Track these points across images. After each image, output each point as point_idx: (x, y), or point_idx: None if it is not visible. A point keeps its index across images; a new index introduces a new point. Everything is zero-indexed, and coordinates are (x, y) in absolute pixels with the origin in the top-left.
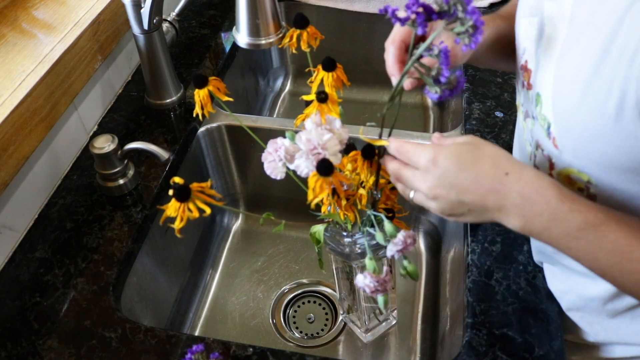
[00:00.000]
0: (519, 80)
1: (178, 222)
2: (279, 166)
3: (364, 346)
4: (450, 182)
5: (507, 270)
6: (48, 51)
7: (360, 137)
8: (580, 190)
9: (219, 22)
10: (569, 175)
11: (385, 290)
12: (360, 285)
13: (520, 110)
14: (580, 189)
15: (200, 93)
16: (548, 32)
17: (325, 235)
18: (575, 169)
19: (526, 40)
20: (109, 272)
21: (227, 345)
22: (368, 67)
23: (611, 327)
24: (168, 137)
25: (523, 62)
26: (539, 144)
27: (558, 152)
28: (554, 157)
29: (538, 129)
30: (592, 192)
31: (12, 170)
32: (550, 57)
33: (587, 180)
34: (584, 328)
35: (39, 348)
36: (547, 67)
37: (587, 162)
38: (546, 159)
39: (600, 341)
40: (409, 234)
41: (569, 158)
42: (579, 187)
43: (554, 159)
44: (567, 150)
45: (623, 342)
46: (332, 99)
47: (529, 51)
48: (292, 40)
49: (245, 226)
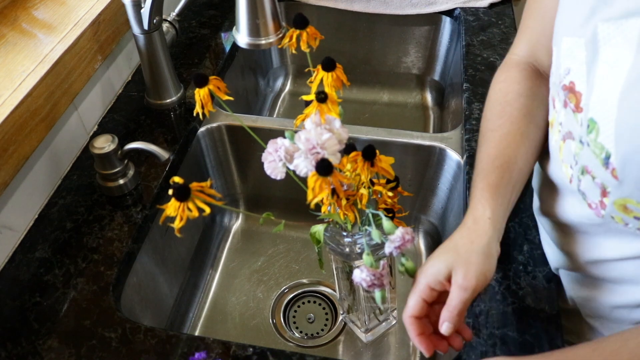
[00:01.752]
0: (558, 98)
1: (178, 221)
2: (279, 166)
3: (364, 346)
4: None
5: (507, 270)
6: (48, 51)
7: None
8: (636, 219)
9: (219, 22)
10: (626, 205)
11: (382, 285)
12: (357, 280)
13: (557, 129)
14: (637, 217)
15: (200, 92)
16: (606, 56)
17: (325, 235)
18: (634, 200)
19: (571, 60)
20: (109, 272)
21: (227, 345)
22: (368, 67)
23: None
24: (168, 137)
25: (567, 83)
26: (587, 170)
27: (617, 182)
28: (610, 187)
29: (589, 155)
30: None
31: (12, 170)
32: (611, 84)
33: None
34: (605, 334)
35: (39, 348)
36: (606, 93)
37: None
38: (598, 186)
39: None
40: (407, 231)
41: (630, 189)
42: (635, 215)
43: (609, 188)
44: (629, 182)
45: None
46: (332, 99)
47: (577, 73)
48: (292, 41)
49: (245, 226)
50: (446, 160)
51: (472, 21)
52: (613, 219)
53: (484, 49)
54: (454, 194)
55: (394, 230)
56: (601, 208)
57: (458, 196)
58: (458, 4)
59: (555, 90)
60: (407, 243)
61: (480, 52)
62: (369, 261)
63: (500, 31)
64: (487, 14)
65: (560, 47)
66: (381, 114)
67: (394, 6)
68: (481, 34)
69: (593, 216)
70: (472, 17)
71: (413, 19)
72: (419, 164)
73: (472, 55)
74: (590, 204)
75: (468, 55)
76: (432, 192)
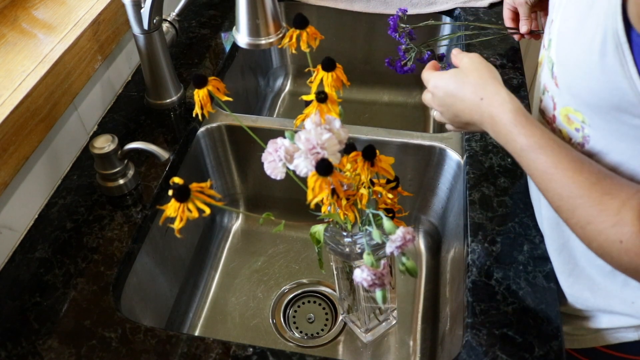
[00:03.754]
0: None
1: (178, 222)
2: (279, 166)
3: (364, 346)
4: (445, 103)
5: (507, 270)
6: (48, 51)
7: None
8: (577, 130)
9: (219, 22)
10: (568, 115)
11: (383, 284)
12: (358, 280)
13: (540, 64)
14: (577, 129)
15: (199, 93)
16: None
17: (325, 235)
18: (572, 107)
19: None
20: (109, 272)
21: (227, 345)
22: (368, 67)
23: (602, 288)
24: (168, 137)
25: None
26: (545, 87)
27: (558, 90)
28: (555, 96)
29: (546, 72)
30: (587, 133)
31: (12, 170)
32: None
33: (582, 119)
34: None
35: (39, 348)
36: (563, 13)
37: (580, 101)
38: (550, 99)
39: (588, 308)
40: (408, 230)
41: (567, 96)
42: (575, 126)
43: (555, 97)
44: (565, 88)
45: (610, 310)
46: (332, 99)
47: (554, 5)
48: (292, 41)
49: (245, 226)
50: (446, 160)
51: (472, 21)
52: (561, 134)
53: (484, 49)
54: (454, 194)
55: (395, 230)
56: (553, 122)
57: (458, 196)
58: (458, 4)
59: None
60: (408, 243)
61: (480, 52)
62: (370, 261)
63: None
64: (487, 14)
65: None
66: (381, 114)
67: (394, 6)
68: (481, 34)
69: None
70: (472, 17)
71: (413, 18)
72: (419, 164)
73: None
74: (548, 120)
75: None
76: (432, 192)
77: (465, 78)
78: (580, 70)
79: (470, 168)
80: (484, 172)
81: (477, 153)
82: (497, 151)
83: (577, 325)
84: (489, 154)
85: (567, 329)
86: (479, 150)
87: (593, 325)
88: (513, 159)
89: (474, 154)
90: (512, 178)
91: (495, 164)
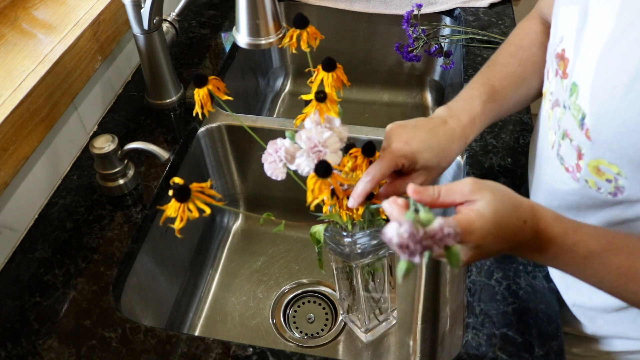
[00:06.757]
0: (552, 68)
1: (178, 222)
2: (279, 167)
3: (364, 346)
4: (491, 251)
5: (507, 270)
6: (48, 51)
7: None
8: (608, 181)
9: (219, 22)
10: (598, 166)
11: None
12: (389, 235)
13: (548, 99)
14: (609, 180)
15: (200, 92)
16: (593, 22)
17: (325, 235)
18: (606, 160)
19: (565, 29)
20: (109, 272)
21: (227, 345)
22: (368, 67)
23: (614, 321)
24: (168, 137)
25: (559, 51)
26: (566, 134)
27: (590, 143)
28: (584, 148)
29: (569, 118)
30: (621, 184)
31: (12, 170)
32: (593, 48)
33: (617, 172)
34: (585, 323)
35: (39, 348)
36: (588, 57)
37: (621, 155)
38: (574, 149)
39: (601, 335)
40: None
41: (602, 150)
42: (607, 177)
43: (584, 149)
44: (601, 143)
45: (625, 336)
46: (331, 99)
47: (568, 40)
48: (292, 40)
49: (245, 226)
50: None
51: (472, 21)
52: (587, 183)
53: (484, 49)
54: None
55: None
56: (577, 171)
57: None
58: (458, 4)
59: (550, 61)
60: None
61: (480, 52)
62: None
63: (500, 31)
64: (487, 14)
65: (557, 17)
66: (381, 114)
67: (394, 6)
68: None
69: (570, 180)
70: (472, 17)
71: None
72: None
73: (472, 55)
74: (568, 168)
75: (468, 55)
76: None
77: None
78: (627, 128)
79: (470, 168)
80: (484, 172)
81: (477, 153)
82: (497, 151)
83: (588, 347)
84: (489, 154)
85: (578, 350)
86: (479, 150)
87: (605, 348)
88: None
89: (474, 154)
90: (512, 178)
91: (495, 164)
